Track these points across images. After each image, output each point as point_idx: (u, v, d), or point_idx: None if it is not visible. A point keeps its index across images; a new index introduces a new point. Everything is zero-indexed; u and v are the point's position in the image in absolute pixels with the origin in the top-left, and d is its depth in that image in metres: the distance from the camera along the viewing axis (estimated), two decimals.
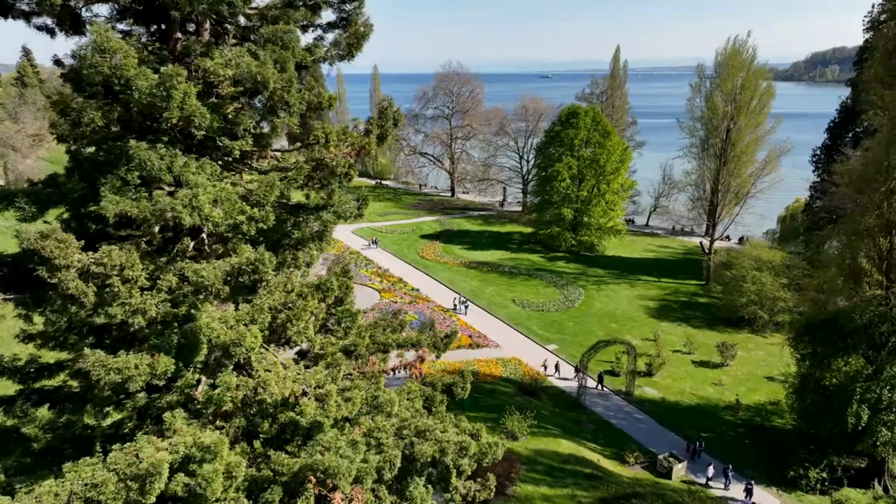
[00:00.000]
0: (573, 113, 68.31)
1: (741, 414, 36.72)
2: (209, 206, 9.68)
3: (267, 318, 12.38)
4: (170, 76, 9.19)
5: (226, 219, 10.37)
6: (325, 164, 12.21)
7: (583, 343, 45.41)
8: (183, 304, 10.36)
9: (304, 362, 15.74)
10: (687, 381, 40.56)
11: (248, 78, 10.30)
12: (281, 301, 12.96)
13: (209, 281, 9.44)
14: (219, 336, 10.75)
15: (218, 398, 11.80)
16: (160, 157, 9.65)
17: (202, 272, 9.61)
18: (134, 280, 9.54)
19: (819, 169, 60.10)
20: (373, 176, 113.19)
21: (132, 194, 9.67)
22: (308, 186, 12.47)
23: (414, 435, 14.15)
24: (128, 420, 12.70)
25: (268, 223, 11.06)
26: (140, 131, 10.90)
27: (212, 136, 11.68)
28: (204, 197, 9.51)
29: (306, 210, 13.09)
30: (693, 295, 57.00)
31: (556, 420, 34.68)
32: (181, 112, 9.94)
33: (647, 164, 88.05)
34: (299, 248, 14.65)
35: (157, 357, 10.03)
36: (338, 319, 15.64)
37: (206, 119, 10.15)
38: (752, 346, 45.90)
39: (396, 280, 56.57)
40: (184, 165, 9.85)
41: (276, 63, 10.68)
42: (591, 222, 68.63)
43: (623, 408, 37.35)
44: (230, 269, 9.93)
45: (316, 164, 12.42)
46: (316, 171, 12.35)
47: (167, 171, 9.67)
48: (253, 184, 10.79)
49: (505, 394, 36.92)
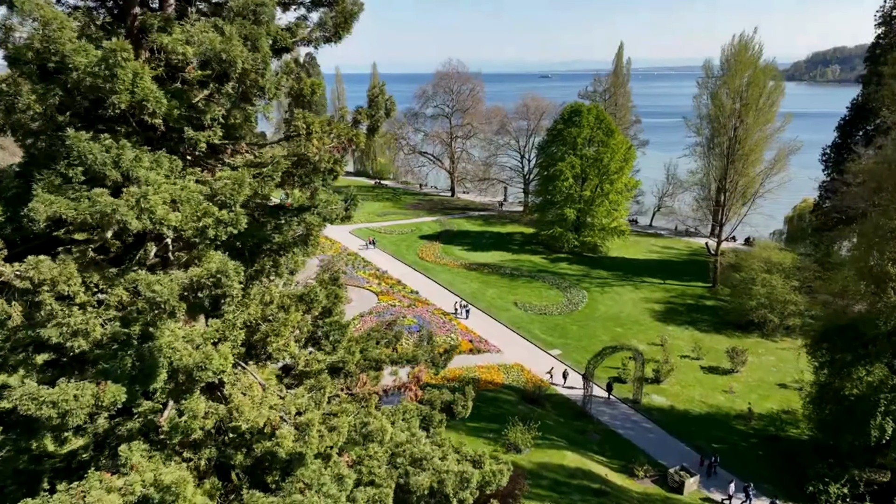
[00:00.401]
0: (576, 111, 66.74)
1: (753, 423, 35.20)
2: (163, 208, 8.14)
3: (241, 334, 10.86)
4: (112, 51, 7.65)
5: (186, 222, 8.83)
6: (306, 160, 10.67)
7: (587, 348, 43.92)
8: (136, 323, 8.82)
9: (287, 380, 14.23)
10: (696, 389, 39.02)
11: (212, 57, 8.76)
12: (258, 314, 11.42)
13: (162, 296, 7.91)
14: (181, 358, 9.23)
15: (185, 426, 10.27)
16: (105, 150, 8.11)
17: (155, 286, 8.07)
18: (72, 296, 8.01)
19: (829, 168, 58.55)
20: (372, 175, 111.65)
21: (72, 193, 8.12)
22: (287, 185, 10.92)
23: (409, 463, 12.62)
24: (83, 451, 11.16)
25: (238, 227, 9.51)
26: (89, 120, 9.37)
27: (176, 128, 10.15)
28: (156, 197, 7.97)
29: (287, 212, 11.54)
30: (699, 297, 55.46)
31: (560, 430, 33.15)
32: (132, 97, 8.40)
33: (649, 164, 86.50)
34: (281, 253, 13.10)
35: (104, 386, 8.49)
36: (325, 332, 14.10)
37: (161, 105, 8.62)
38: (762, 352, 44.35)
39: (395, 282, 55.04)
40: (134, 160, 8.31)
41: (245, 40, 9.14)
42: (594, 223, 67.07)
43: (630, 416, 35.81)
44: (189, 282, 8.39)
45: (297, 160, 10.86)
46: (296, 167, 10.80)
47: (113, 167, 8.13)
48: (219, 182, 9.24)
49: (507, 402, 35.38)
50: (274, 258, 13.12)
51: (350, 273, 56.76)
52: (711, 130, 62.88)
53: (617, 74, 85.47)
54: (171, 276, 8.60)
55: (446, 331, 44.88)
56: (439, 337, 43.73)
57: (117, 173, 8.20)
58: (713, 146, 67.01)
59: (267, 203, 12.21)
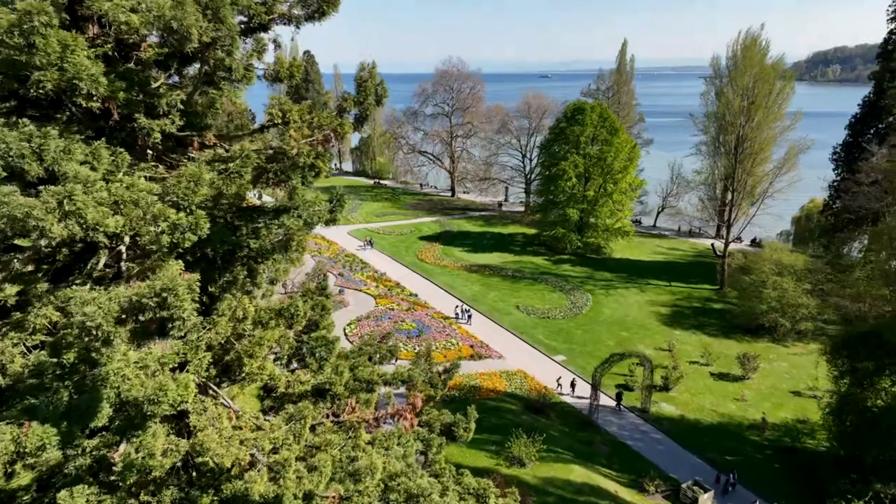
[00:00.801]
0: (579, 109, 65.17)
1: (768, 433, 33.65)
2: (97, 211, 6.60)
3: (207, 357, 9.31)
4: (28, 14, 6.11)
5: (131, 228, 7.28)
6: (283, 154, 9.11)
7: (592, 353, 42.41)
8: (69, 350, 7.27)
9: (268, 401, 12.68)
10: (706, 397, 37.46)
11: (161, 26, 7.22)
12: (227, 333, 9.87)
13: (94, 320, 6.37)
14: (130, 389, 7.70)
15: (141, 465, 8.71)
16: (24, 139, 6.56)
17: (88, 307, 6.52)
18: None
19: (840, 167, 57.01)
20: (371, 175, 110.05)
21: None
22: (261, 183, 9.38)
23: (404, 500, 11.06)
24: (24, 492, 9.61)
25: (200, 232, 7.96)
26: (20, 104, 7.83)
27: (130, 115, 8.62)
28: (86, 197, 6.43)
29: (263, 214, 10.00)
30: (707, 300, 53.89)
31: (566, 442, 31.59)
32: (61, 74, 6.85)
33: (651, 163, 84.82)
34: (259, 261, 11.56)
35: (27, 428, 6.95)
36: (311, 349, 12.57)
37: (99, 85, 7.07)
38: (773, 357, 42.79)
39: (393, 284, 53.46)
40: (62, 152, 6.75)
41: (205, 9, 7.59)
42: (597, 223, 65.55)
43: (639, 427, 34.26)
44: (129, 302, 6.84)
45: (273, 154, 9.32)
46: (271, 162, 9.25)
47: (34, 160, 6.58)
48: (173, 179, 7.69)
49: (510, 412, 33.84)
50: (250, 267, 11.59)
51: (347, 275, 55.21)
52: (718, 128, 61.30)
53: (620, 72, 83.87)
54: (111, 294, 7.04)
55: (446, 335, 43.32)
56: (439, 342, 42.19)
57: (40, 168, 6.64)
58: (719, 145, 65.50)
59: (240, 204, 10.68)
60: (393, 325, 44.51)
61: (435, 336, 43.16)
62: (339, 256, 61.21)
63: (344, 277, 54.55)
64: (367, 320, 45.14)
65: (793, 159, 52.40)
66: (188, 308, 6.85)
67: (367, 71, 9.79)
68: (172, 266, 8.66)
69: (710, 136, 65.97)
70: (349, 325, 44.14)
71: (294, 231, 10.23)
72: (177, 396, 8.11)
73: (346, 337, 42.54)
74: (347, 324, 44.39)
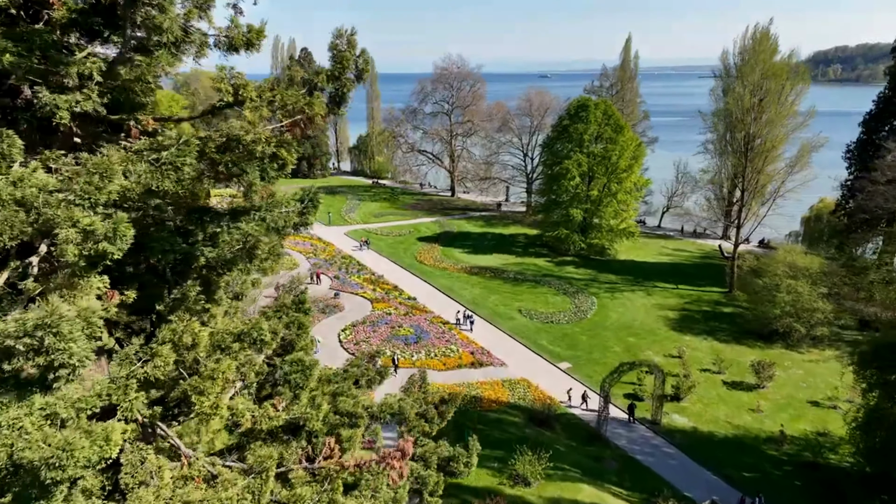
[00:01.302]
0: (583, 106, 63.18)
1: (787, 448, 31.70)
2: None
3: (139, 399, 7.37)
4: None
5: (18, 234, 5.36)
6: (235, 141, 7.17)
7: (598, 361, 40.50)
8: None
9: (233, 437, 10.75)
10: (720, 407, 35.52)
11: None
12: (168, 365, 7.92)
13: None
14: (24, 450, 5.80)
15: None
16: None
17: None
18: None
19: (853, 165, 55.18)
20: (369, 175, 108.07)
21: None
22: (208, 176, 7.45)
23: None
24: None
25: (120, 242, 6.04)
26: None
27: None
28: None
29: (218, 216, 8.08)
30: (716, 304, 51.94)
31: (573, 457, 29.65)
32: None
33: (654, 162, 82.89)
34: (219, 273, 9.65)
35: None
36: (284, 375, 10.64)
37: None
38: (788, 364, 40.82)
39: (391, 288, 51.51)
40: None
41: None
42: (601, 224, 63.59)
43: (650, 440, 32.31)
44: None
45: (225, 142, 7.38)
46: (222, 151, 7.30)
47: None
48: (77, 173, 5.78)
49: (513, 424, 31.92)
50: (209, 280, 9.66)
51: (343, 278, 53.25)
52: (726, 126, 59.38)
53: (624, 68, 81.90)
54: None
55: (445, 341, 41.37)
56: (438, 348, 40.26)
57: None
58: (726, 143, 63.61)
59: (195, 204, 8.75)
60: (390, 330, 42.58)
61: (434, 342, 41.23)
62: (335, 258, 59.27)
63: (340, 280, 52.61)
64: (363, 325, 43.19)
65: (806, 157, 50.40)
66: (80, 351, 4.91)
67: (344, 39, 7.85)
68: (96, 281, 6.74)
69: (717, 133, 64.10)
70: (344, 331, 42.19)
71: (256, 237, 8.30)
72: (91, 454, 6.18)
73: (341, 343, 40.60)
74: (342, 329, 42.45)
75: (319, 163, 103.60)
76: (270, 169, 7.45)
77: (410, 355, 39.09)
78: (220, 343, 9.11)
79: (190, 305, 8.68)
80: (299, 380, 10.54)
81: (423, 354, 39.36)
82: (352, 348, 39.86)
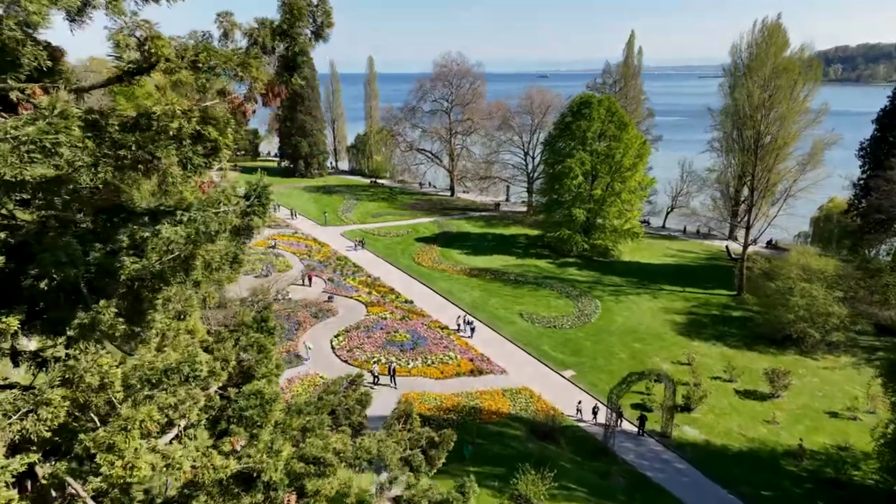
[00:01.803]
0: (586, 102, 61.22)
1: (806, 463, 29.79)
2: None
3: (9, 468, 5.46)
4: None
5: None
6: (147, 117, 5.27)
7: (604, 368, 38.62)
8: None
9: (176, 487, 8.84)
10: (733, 418, 33.63)
11: None
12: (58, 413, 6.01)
13: None
14: None
15: None
16: None
17: None
18: None
19: (867, 164, 53.30)
20: (367, 174, 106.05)
21: None
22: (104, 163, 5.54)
23: None
24: None
25: None
26: None
27: None
28: None
29: (131, 218, 6.18)
30: (725, 307, 50.01)
31: (578, 474, 27.75)
32: None
33: (657, 161, 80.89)
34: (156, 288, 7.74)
35: None
36: (238, 412, 8.75)
37: None
38: (803, 372, 38.90)
39: (387, 291, 49.58)
40: None
41: None
42: (605, 224, 61.67)
43: (660, 454, 30.41)
44: None
45: (135, 118, 5.47)
46: (128, 131, 5.40)
47: None
48: None
49: (514, 438, 30.01)
50: (139, 297, 7.73)
51: (338, 280, 51.33)
52: (733, 123, 57.41)
53: (628, 65, 79.91)
54: None
55: (443, 348, 39.46)
56: (435, 355, 38.35)
57: None
58: (733, 141, 61.62)
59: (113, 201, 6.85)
60: (385, 336, 40.67)
61: (431, 348, 39.31)
62: (330, 259, 57.35)
63: (334, 283, 50.69)
64: (357, 331, 41.26)
65: (819, 155, 48.47)
66: None
67: None
68: None
69: (724, 131, 62.18)
70: (337, 337, 40.28)
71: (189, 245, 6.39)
72: None
73: (334, 350, 38.70)
74: (335, 335, 40.54)
75: (317, 162, 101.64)
76: (194, 154, 5.57)
77: (406, 363, 37.18)
78: (149, 378, 7.21)
79: (104, 331, 6.77)
80: (257, 416, 8.64)
81: (420, 362, 37.45)
82: (345, 355, 37.96)
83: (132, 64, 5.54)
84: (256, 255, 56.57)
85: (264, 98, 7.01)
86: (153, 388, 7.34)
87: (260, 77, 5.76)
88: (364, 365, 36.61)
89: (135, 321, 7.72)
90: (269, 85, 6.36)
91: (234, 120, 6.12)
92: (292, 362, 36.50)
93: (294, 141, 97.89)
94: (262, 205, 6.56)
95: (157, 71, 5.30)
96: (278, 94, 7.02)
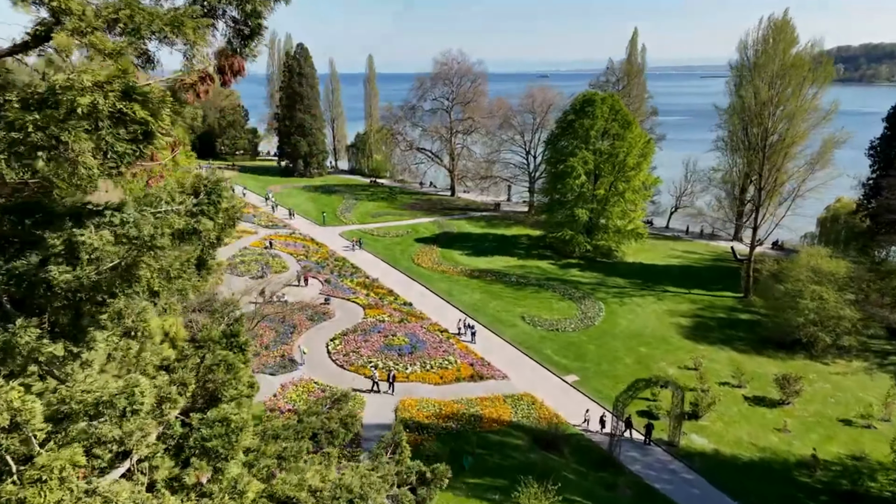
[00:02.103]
0: (588, 100, 60.01)
1: (819, 474, 28.59)
2: None
3: None
4: None
5: None
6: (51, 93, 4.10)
7: (608, 373, 37.44)
8: None
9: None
10: (742, 426, 32.43)
11: None
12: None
13: None
14: None
15: None
16: None
17: None
18: None
19: (878, 163, 52.05)
20: (367, 174, 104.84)
21: None
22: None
23: None
24: None
25: None
26: None
27: None
28: None
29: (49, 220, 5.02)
30: (731, 310, 48.81)
31: (583, 486, 26.55)
32: None
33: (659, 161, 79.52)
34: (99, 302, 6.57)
35: None
36: (200, 442, 7.59)
37: None
38: (814, 377, 37.68)
39: (386, 292, 48.38)
40: None
41: None
42: (608, 224, 60.46)
43: (667, 464, 29.22)
44: None
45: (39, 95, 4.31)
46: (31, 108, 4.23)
47: None
48: None
49: (516, 448, 28.81)
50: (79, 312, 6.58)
51: (335, 282, 50.17)
52: (740, 121, 56.14)
53: (631, 63, 78.69)
54: None
55: (443, 352, 38.28)
56: (434, 359, 37.17)
57: None
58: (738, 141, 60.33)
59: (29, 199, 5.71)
60: (383, 339, 39.50)
61: (430, 352, 38.13)
62: (328, 260, 56.18)
63: (331, 285, 49.52)
64: (354, 334, 40.09)
65: (828, 154, 47.24)
66: None
67: None
68: None
69: (729, 129, 60.89)
70: (333, 341, 39.10)
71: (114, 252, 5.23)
72: None
73: (329, 354, 37.53)
74: (331, 339, 39.36)
75: (316, 161, 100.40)
76: (115, 139, 4.41)
77: (404, 367, 36.00)
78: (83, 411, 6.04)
79: (25, 355, 5.61)
80: (222, 448, 7.47)
81: (419, 367, 36.28)
82: (341, 359, 36.79)
83: (41, 26, 4.40)
84: (252, 255, 55.47)
85: (221, 75, 5.86)
86: (91, 419, 6.19)
87: (198, 42, 4.59)
88: (361, 370, 35.45)
89: (78, 340, 6.57)
90: (223, 55, 5.22)
91: (177, 99, 4.97)
92: (287, 367, 35.35)
93: (293, 140, 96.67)
94: (214, 203, 5.41)
95: (64, 30, 4.17)
96: (238, 71, 5.86)
